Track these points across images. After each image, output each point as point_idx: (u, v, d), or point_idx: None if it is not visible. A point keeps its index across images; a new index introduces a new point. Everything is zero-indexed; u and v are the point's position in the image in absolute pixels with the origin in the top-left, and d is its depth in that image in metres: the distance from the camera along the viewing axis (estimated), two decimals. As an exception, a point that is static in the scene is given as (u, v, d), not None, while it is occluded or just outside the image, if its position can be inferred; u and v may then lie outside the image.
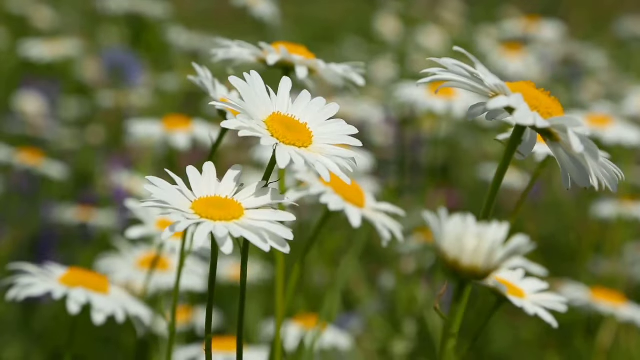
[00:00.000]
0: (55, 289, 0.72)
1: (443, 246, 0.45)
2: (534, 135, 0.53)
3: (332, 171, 0.49)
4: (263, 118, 0.51)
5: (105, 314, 0.72)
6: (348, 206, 0.68)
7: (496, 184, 0.51)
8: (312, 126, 0.52)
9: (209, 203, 0.49)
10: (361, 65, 0.67)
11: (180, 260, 0.66)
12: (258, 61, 0.66)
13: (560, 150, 0.50)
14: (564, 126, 0.48)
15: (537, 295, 0.60)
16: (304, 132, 0.51)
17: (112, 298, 0.74)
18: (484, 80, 0.50)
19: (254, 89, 0.51)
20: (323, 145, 0.51)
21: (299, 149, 0.50)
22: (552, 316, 0.58)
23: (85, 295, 0.72)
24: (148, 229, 0.79)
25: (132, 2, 2.13)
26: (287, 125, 0.51)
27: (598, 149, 0.48)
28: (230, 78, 0.51)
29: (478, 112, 0.51)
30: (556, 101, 0.50)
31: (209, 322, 0.52)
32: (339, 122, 0.53)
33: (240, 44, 0.66)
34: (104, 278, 0.76)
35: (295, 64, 0.65)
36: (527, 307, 0.57)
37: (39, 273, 0.75)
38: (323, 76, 0.67)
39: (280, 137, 0.50)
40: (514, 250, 0.44)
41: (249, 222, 0.48)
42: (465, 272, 0.45)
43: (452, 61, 0.52)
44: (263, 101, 0.51)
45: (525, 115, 0.47)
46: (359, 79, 0.67)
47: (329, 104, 0.53)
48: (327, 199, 0.67)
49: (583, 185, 0.50)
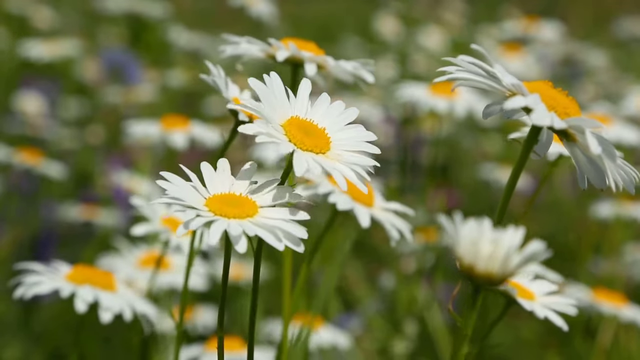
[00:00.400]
0: (63, 287, 0.71)
1: (458, 251, 0.44)
2: (550, 135, 0.52)
3: (349, 179, 0.48)
4: (281, 122, 0.50)
5: (112, 312, 0.71)
6: (357, 206, 0.67)
7: (511, 185, 0.50)
8: (331, 131, 0.51)
9: (223, 200, 0.48)
10: (371, 62, 0.66)
11: (189, 258, 0.66)
12: (267, 57, 0.65)
13: (577, 150, 0.50)
14: (581, 127, 0.47)
15: (546, 297, 0.59)
16: (322, 137, 0.50)
17: (119, 296, 0.73)
18: (501, 79, 0.49)
19: (272, 91, 0.50)
20: (341, 152, 0.50)
21: (316, 155, 0.49)
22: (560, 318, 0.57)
23: (92, 294, 0.71)
24: (153, 226, 0.79)
25: (131, 2, 2.13)
26: (306, 130, 0.50)
27: (616, 151, 0.48)
28: (249, 80, 0.50)
29: (494, 111, 0.51)
30: (574, 101, 0.50)
31: (221, 321, 0.51)
32: (358, 127, 0.52)
33: (249, 40, 0.65)
34: (110, 275, 0.75)
35: (304, 61, 0.64)
36: (537, 310, 0.56)
37: (46, 271, 0.74)
38: (332, 73, 0.66)
39: (298, 143, 0.49)
40: (530, 256, 0.44)
41: (263, 221, 0.47)
42: (480, 277, 0.44)
43: (469, 59, 0.51)
44: (281, 104, 0.50)
45: (543, 116, 0.47)
46: (368, 76, 0.66)
47: (349, 109, 0.52)
48: (336, 198, 0.66)
49: (600, 187, 0.49)
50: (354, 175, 0.49)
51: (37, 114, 1.94)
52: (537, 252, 0.44)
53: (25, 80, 2.08)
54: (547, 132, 0.52)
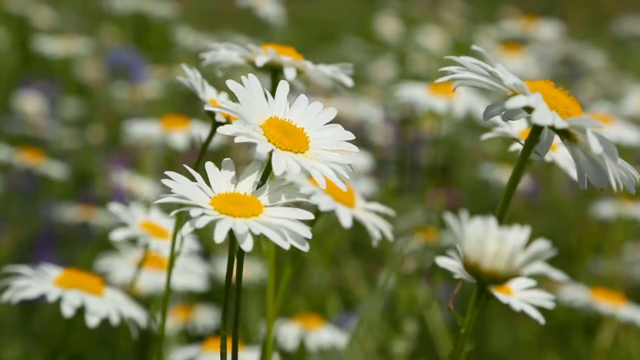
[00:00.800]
0: (50, 291, 0.72)
1: (464, 249, 0.45)
2: (551, 135, 0.52)
3: (328, 177, 0.49)
4: (260, 122, 0.50)
5: (99, 316, 0.72)
6: (339, 206, 0.68)
7: (512, 185, 0.50)
8: (309, 131, 0.51)
9: (228, 199, 0.48)
10: (349, 66, 0.67)
11: (170, 261, 0.66)
12: (246, 63, 0.66)
13: (577, 150, 0.50)
14: (582, 127, 0.47)
15: (524, 292, 0.60)
16: (301, 137, 0.50)
17: (106, 300, 0.74)
18: (503, 79, 0.49)
19: (251, 92, 0.51)
20: (319, 151, 0.50)
21: (295, 154, 0.49)
22: (543, 314, 0.58)
23: (79, 298, 0.72)
24: (132, 231, 0.80)
25: (138, 2, 2.13)
26: (284, 131, 0.50)
27: (616, 150, 0.48)
28: (227, 82, 0.51)
29: (496, 112, 0.51)
30: (575, 101, 0.50)
31: (224, 319, 0.52)
32: (336, 127, 0.52)
33: (228, 46, 0.66)
34: (99, 279, 0.76)
35: (283, 65, 0.65)
36: (514, 303, 0.57)
37: (34, 275, 0.75)
38: (311, 77, 0.67)
39: (277, 143, 0.49)
40: (535, 255, 0.44)
41: (268, 220, 0.47)
42: (485, 276, 0.45)
43: (471, 60, 0.51)
44: (260, 105, 0.51)
45: (545, 115, 0.47)
46: (347, 80, 0.67)
47: (327, 109, 0.53)
48: (318, 199, 0.67)
49: (600, 186, 0.50)
50: (333, 174, 0.49)
51: (37, 114, 1.94)
52: (542, 250, 0.44)
53: (25, 80, 2.08)
54: (548, 132, 0.52)
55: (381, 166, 1.67)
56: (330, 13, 3.81)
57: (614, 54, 2.55)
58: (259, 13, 1.39)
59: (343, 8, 3.83)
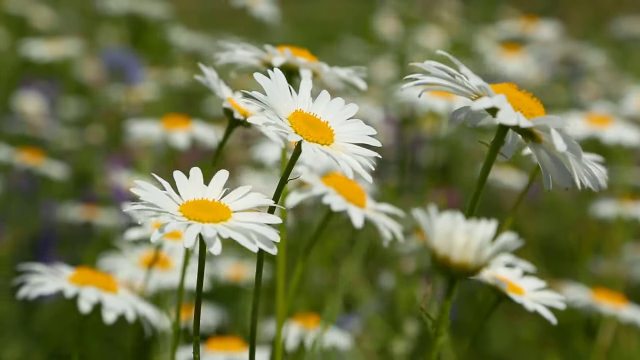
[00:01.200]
0: (67, 288, 0.73)
1: (433, 243, 0.46)
2: (516, 138, 0.54)
3: (354, 169, 0.50)
4: (286, 115, 0.52)
5: (116, 312, 0.73)
6: (351, 207, 0.68)
7: (480, 183, 0.52)
8: (333, 125, 0.53)
9: (196, 206, 0.50)
10: (363, 69, 0.68)
11: (185, 259, 0.67)
12: (262, 64, 0.66)
13: (541, 151, 0.51)
14: (546, 126, 0.49)
15: (536, 293, 0.61)
16: (326, 130, 0.52)
17: (121, 297, 0.75)
18: (468, 80, 0.50)
19: (277, 86, 0.52)
20: (344, 144, 0.52)
21: (322, 146, 0.51)
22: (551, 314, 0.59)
23: (96, 295, 0.73)
24: (146, 231, 0.80)
25: (132, 2, 2.13)
26: (310, 123, 0.52)
27: (581, 148, 0.49)
28: (255, 75, 0.52)
29: (462, 116, 0.52)
30: (538, 102, 0.51)
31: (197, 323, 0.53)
32: (359, 122, 0.54)
33: (244, 47, 0.66)
34: (111, 278, 0.77)
35: (299, 67, 0.65)
36: (527, 304, 0.58)
37: (49, 272, 0.75)
38: (325, 79, 0.68)
39: (304, 134, 0.51)
40: (502, 246, 0.45)
41: (237, 224, 0.49)
42: (455, 268, 0.46)
43: (435, 64, 0.52)
44: (286, 98, 0.52)
45: (509, 115, 0.48)
46: (361, 82, 0.68)
47: (349, 104, 0.54)
48: (330, 199, 0.67)
49: (565, 186, 0.51)
50: (359, 165, 0.50)
51: (37, 114, 1.95)
52: (508, 242, 0.45)
53: (25, 80, 2.08)
54: (513, 134, 0.54)
55: (381, 166, 1.67)
56: (330, 13, 3.81)
57: (614, 54, 2.55)
58: (253, 12, 1.39)
59: (343, 8, 3.83)
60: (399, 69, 2.10)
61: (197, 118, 1.24)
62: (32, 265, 0.76)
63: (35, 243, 1.51)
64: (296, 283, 0.70)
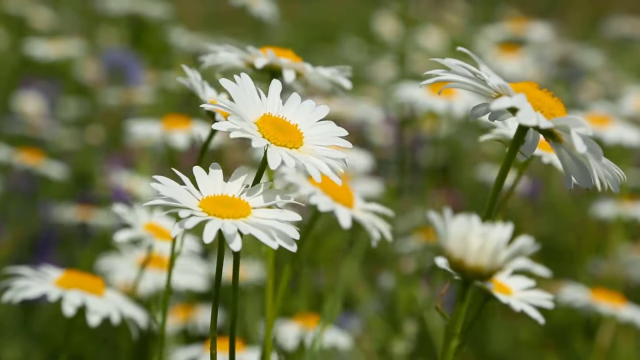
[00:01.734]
0: (51, 291, 0.73)
1: (448, 246, 0.45)
2: (537, 136, 0.53)
3: (322, 172, 0.49)
4: (254, 119, 0.51)
5: (100, 315, 0.73)
6: (338, 207, 0.68)
7: (498, 184, 0.51)
8: (303, 127, 0.52)
9: (216, 201, 0.49)
10: (348, 68, 0.67)
11: (170, 262, 0.67)
12: (246, 65, 0.66)
13: (562, 150, 0.50)
14: (567, 127, 0.48)
15: (524, 292, 0.61)
16: (295, 133, 0.51)
17: (107, 300, 0.75)
18: (487, 80, 0.50)
19: (244, 90, 0.52)
20: (313, 147, 0.51)
21: (290, 150, 0.50)
22: (543, 314, 0.59)
23: (80, 297, 0.73)
24: (136, 232, 0.80)
25: (132, 3, 2.13)
26: (278, 127, 0.51)
27: (601, 150, 0.49)
28: (220, 80, 0.51)
29: (481, 112, 0.52)
30: (559, 102, 0.50)
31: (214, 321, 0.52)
32: (329, 123, 0.53)
33: (228, 48, 0.66)
34: (99, 280, 0.77)
35: (282, 68, 0.65)
36: (513, 303, 0.58)
37: (35, 275, 0.76)
38: (310, 79, 0.67)
39: (271, 139, 0.50)
40: (518, 250, 0.44)
41: (256, 221, 0.48)
42: (470, 272, 0.45)
43: (455, 61, 0.52)
44: (254, 103, 0.52)
45: (529, 116, 0.47)
46: (345, 82, 0.67)
47: (320, 106, 0.54)
48: (317, 199, 0.67)
49: (585, 186, 0.50)
50: (328, 168, 0.50)
51: (36, 114, 1.94)
52: (525, 246, 0.44)
53: (25, 80, 2.08)
54: (534, 132, 0.53)
55: (381, 166, 1.67)
56: (331, 13, 3.81)
57: (614, 54, 2.55)
58: (252, 11, 1.39)
59: (343, 8, 3.83)
60: (399, 69, 2.11)
61: (197, 118, 1.24)
62: (19, 269, 0.76)
63: (34, 243, 1.51)
64: (286, 283, 0.70)
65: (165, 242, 0.79)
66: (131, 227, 0.81)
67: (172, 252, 0.67)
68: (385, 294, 1.39)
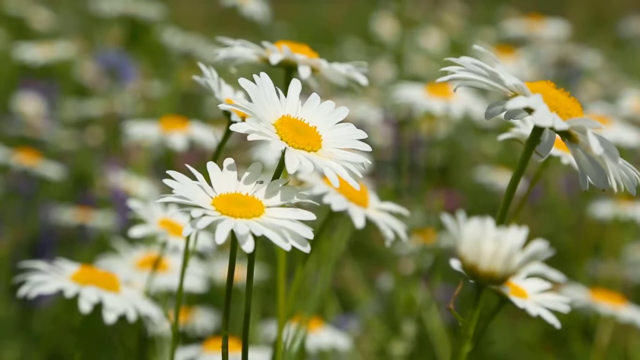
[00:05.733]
0: (67, 287, 0.71)
1: (461, 250, 0.44)
2: (553, 136, 0.52)
3: (340, 176, 0.48)
4: (272, 121, 0.50)
5: (116, 313, 0.71)
6: (352, 206, 0.67)
7: (512, 186, 0.50)
8: (322, 130, 0.51)
9: (229, 200, 0.48)
10: (364, 64, 0.66)
11: (184, 260, 0.66)
12: (261, 60, 0.65)
13: (578, 151, 0.50)
14: (583, 127, 0.47)
15: (539, 295, 0.60)
16: (314, 136, 0.50)
17: (123, 297, 0.73)
18: (503, 80, 0.49)
19: (263, 91, 0.51)
20: (332, 150, 0.50)
21: (308, 153, 0.49)
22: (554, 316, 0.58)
23: (97, 294, 0.71)
24: (150, 228, 0.79)
25: (125, 4, 2.12)
26: (297, 129, 0.50)
27: (617, 151, 0.48)
28: (239, 80, 0.50)
29: (497, 111, 0.51)
30: (576, 102, 0.50)
31: (226, 319, 0.51)
32: (349, 126, 0.52)
33: (243, 43, 0.66)
34: (114, 276, 0.75)
35: (298, 64, 0.64)
36: (530, 308, 0.57)
37: (50, 270, 0.74)
38: (325, 76, 0.67)
39: (289, 141, 0.49)
40: (532, 255, 0.44)
41: (269, 221, 0.47)
42: (483, 276, 0.45)
43: (471, 60, 0.51)
44: (272, 104, 0.51)
45: (545, 117, 0.47)
46: (362, 78, 0.66)
47: (339, 108, 0.53)
48: (331, 199, 0.66)
49: (601, 187, 0.50)
50: (346, 173, 0.49)
51: (35, 115, 1.94)
52: (539, 251, 0.44)
53: (24, 81, 2.08)
54: (549, 132, 0.52)
55: (380, 167, 1.67)
56: (332, 14, 3.81)
57: (614, 55, 2.54)
58: (243, 11, 1.38)
59: (342, 9, 3.83)
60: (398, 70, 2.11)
61: (195, 119, 1.24)
62: (33, 263, 0.75)
63: (33, 245, 1.51)
64: (298, 284, 0.69)
65: (180, 238, 0.78)
66: (146, 223, 0.80)
67: (185, 249, 0.66)
68: (384, 295, 1.39)
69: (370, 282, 1.44)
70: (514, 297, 0.56)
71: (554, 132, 0.51)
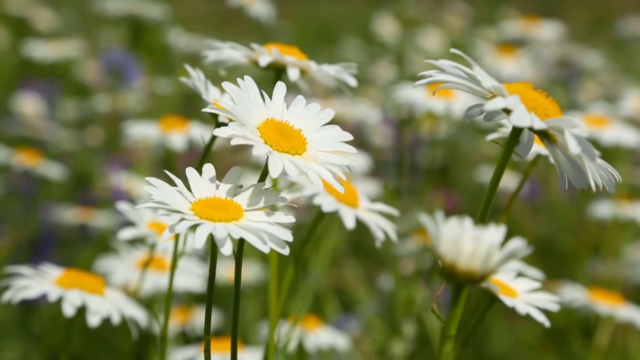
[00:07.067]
0: (51, 291, 0.72)
1: (440, 249, 0.44)
2: (532, 137, 0.53)
3: (324, 179, 0.48)
4: (256, 124, 0.50)
5: (100, 316, 0.72)
6: (342, 207, 0.67)
7: (493, 185, 0.51)
8: (307, 132, 0.51)
9: (208, 204, 0.49)
10: (353, 65, 0.66)
11: (173, 261, 0.66)
12: (250, 63, 0.66)
13: (557, 151, 0.50)
14: (561, 127, 0.48)
15: (529, 294, 0.60)
16: (298, 138, 0.50)
17: (107, 300, 0.74)
18: (481, 81, 0.50)
19: (247, 94, 0.51)
20: (317, 152, 0.50)
21: (292, 156, 0.49)
22: (545, 316, 0.58)
23: (80, 298, 0.72)
24: (140, 231, 0.80)
25: (130, 4, 2.13)
26: (281, 132, 0.50)
27: (595, 150, 0.48)
28: (223, 84, 0.51)
29: (475, 113, 0.51)
30: (554, 102, 0.50)
31: (208, 323, 0.52)
32: (334, 128, 0.52)
33: (232, 45, 0.66)
34: (100, 279, 0.76)
35: (287, 65, 0.64)
36: (519, 306, 0.57)
37: (35, 275, 0.75)
38: (315, 77, 0.67)
39: (273, 145, 0.49)
40: (510, 253, 0.44)
41: (248, 224, 0.48)
42: (462, 275, 0.44)
43: (449, 63, 0.52)
44: (257, 107, 0.51)
45: (522, 117, 0.47)
46: (351, 79, 0.66)
47: (324, 110, 0.53)
48: (321, 200, 0.67)
49: (580, 187, 0.50)
50: (330, 175, 0.49)
51: (36, 115, 1.95)
52: (517, 249, 0.44)
53: (24, 81, 2.08)
54: (529, 133, 0.53)
55: (380, 167, 1.67)
56: (333, 14, 3.81)
57: (614, 55, 2.55)
58: (249, 12, 1.38)
59: (346, 10, 3.83)
60: (398, 70, 2.11)
61: (197, 119, 1.24)
62: (18, 268, 0.75)
63: (34, 245, 1.51)
64: (288, 284, 0.69)
65: (169, 240, 0.79)
66: (135, 225, 0.80)
67: (174, 251, 0.66)
68: (384, 295, 1.39)
69: (370, 282, 1.45)
70: (504, 296, 0.56)
71: (532, 132, 0.51)
